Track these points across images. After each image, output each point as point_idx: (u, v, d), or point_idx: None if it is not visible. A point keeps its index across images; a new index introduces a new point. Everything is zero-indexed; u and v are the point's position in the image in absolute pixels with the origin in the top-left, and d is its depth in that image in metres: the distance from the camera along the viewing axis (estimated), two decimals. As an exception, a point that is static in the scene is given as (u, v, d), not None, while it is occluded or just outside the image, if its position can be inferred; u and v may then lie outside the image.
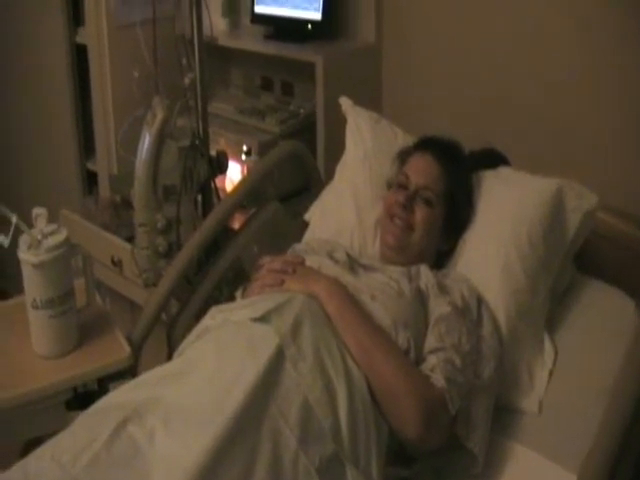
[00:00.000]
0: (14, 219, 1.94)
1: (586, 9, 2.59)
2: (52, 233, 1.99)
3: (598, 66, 2.61)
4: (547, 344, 2.07)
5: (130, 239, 2.70)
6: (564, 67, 2.69)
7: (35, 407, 1.94)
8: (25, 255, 1.95)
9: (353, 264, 2.10)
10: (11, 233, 1.93)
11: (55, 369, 1.99)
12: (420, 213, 2.12)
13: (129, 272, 2.72)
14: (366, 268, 2.10)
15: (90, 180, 3.81)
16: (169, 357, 2.21)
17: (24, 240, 1.97)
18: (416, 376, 1.77)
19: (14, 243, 1.95)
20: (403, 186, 2.16)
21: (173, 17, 2.57)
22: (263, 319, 1.77)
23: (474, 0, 2.92)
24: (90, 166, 3.79)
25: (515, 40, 2.81)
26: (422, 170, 2.16)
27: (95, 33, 3.43)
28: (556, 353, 2.06)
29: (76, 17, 3.65)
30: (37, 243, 1.95)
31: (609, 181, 2.54)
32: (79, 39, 3.66)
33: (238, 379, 1.63)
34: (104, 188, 3.58)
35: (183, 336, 2.03)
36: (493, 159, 2.35)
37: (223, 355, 1.72)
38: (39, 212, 2.01)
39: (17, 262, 1.97)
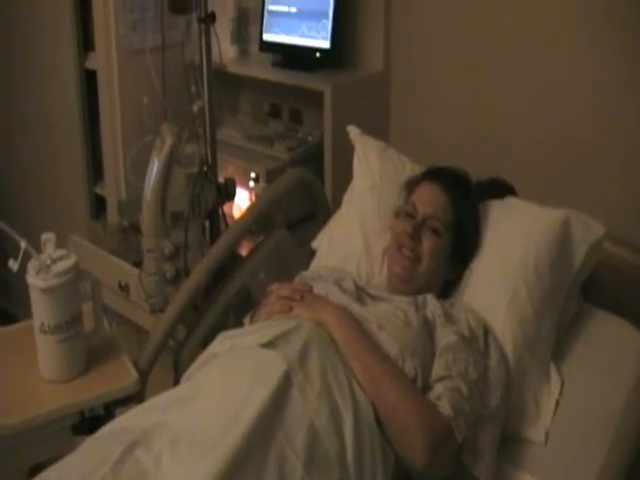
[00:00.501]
0: (23, 244, 1.95)
1: (602, 51, 2.60)
2: (61, 258, 2.00)
3: (607, 103, 2.62)
4: (553, 374, 2.07)
5: (138, 264, 2.71)
6: (573, 100, 2.69)
7: (42, 431, 1.94)
8: (33, 280, 1.96)
9: (360, 293, 2.11)
10: (20, 258, 1.94)
11: (62, 393, 2.00)
12: (427, 242, 2.12)
13: (136, 297, 2.72)
14: (373, 298, 2.10)
15: (98, 205, 3.82)
16: (176, 382, 2.22)
17: (33, 265, 1.98)
18: (423, 404, 1.77)
19: (23, 267, 1.96)
20: (410, 215, 2.17)
21: (182, 44, 2.58)
22: (271, 345, 1.77)
23: (483, 29, 2.92)
24: (99, 191, 3.80)
25: (525, 68, 2.82)
26: (429, 199, 2.17)
27: (105, 59, 3.46)
28: (562, 383, 2.06)
29: (86, 42, 3.67)
30: (46, 268, 1.96)
31: (616, 211, 2.54)
32: (89, 64, 3.67)
33: (245, 404, 1.64)
34: (112, 213, 3.59)
35: (190, 361, 2.04)
36: (500, 189, 2.35)
37: (231, 380, 1.73)
38: (48, 237, 2.02)
39: (26, 286, 1.98)
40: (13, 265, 1.94)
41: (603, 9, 2.56)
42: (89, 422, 2.01)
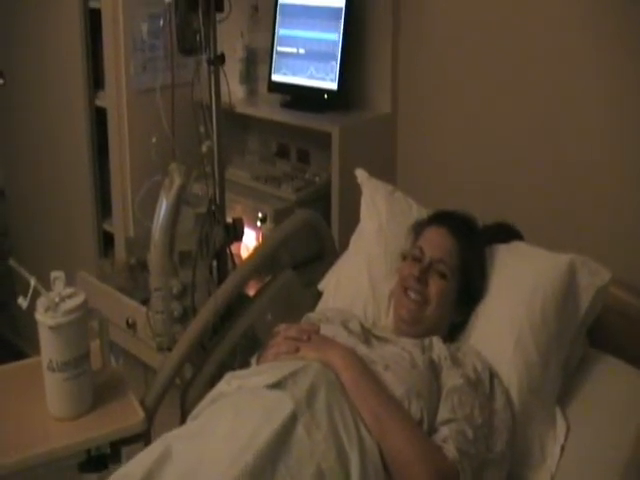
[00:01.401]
0: (32, 281, 1.97)
1: (616, 101, 2.61)
2: (70, 296, 2.02)
3: (617, 148, 2.63)
4: (559, 419, 2.07)
5: (145, 302, 2.71)
6: (581, 145, 2.70)
7: (48, 469, 1.95)
8: (42, 317, 1.97)
9: (367, 335, 2.12)
10: (30, 295, 1.96)
11: (69, 431, 2.01)
12: (434, 286, 2.13)
13: (143, 335, 2.73)
14: (379, 339, 2.11)
15: (106, 241, 3.84)
16: (182, 421, 2.22)
17: (42, 302, 1.99)
18: (428, 446, 1.78)
19: (32, 304, 1.98)
20: (417, 259, 2.18)
21: (192, 84, 2.60)
22: (278, 385, 1.79)
23: (491, 71, 2.94)
24: (107, 227, 3.82)
25: (534, 112, 2.83)
26: (437, 243, 2.18)
27: (115, 97, 3.50)
28: (568, 428, 2.05)
29: (96, 80, 3.71)
30: (54, 306, 1.98)
31: (623, 255, 2.54)
32: (99, 102, 3.71)
33: (251, 442, 1.65)
34: (120, 250, 3.61)
35: (197, 401, 2.05)
36: (507, 233, 2.36)
37: (238, 419, 1.74)
38: (57, 275, 2.04)
39: (35, 323, 2.00)
40: (22, 302, 1.96)
41: (621, 60, 2.57)
42: (95, 460, 2.02)
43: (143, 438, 2.06)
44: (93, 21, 3.60)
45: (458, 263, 2.16)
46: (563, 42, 2.70)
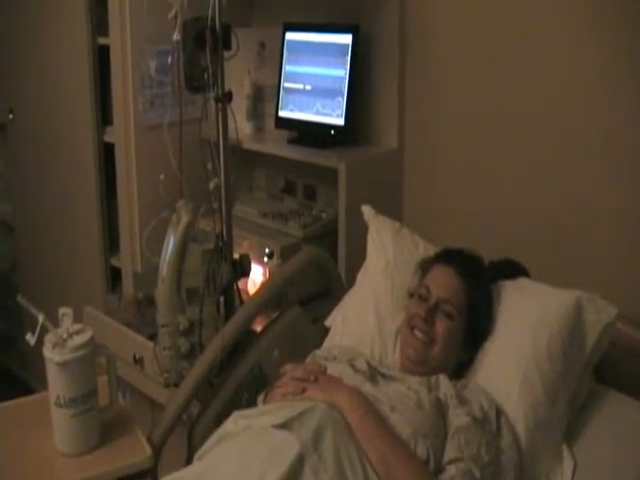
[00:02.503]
0: (41, 318, 1.98)
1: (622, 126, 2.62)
2: (77, 332, 2.03)
3: (618, 182, 2.64)
4: (566, 455, 2.06)
5: (152, 337, 2.72)
6: (586, 180, 2.72)
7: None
8: (50, 353, 1.99)
9: (373, 373, 2.12)
10: (37, 331, 1.97)
11: (76, 467, 2.02)
12: (441, 326, 2.14)
13: (150, 370, 2.73)
14: (386, 377, 2.11)
15: (114, 276, 3.85)
16: (189, 458, 2.22)
17: (49, 338, 2.01)
18: (435, 488, 1.78)
19: (40, 340, 1.99)
20: (424, 298, 2.19)
21: (200, 121, 2.62)
22: (285, 426, 1.79)
23: (498, 108, 2.95)
24: (114, 262, 3.84)
25: (544, 145, 2.83)
26: (443, 283, 2.19)
27: (123, 133, 3.52)
28: (575, 464, 2.05)
29: (105, 116, 3.74)
30: (62, 342, 1.99)
31: (629, 291, 2.54)
32: (107, 138, 3.74)
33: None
34: (127, 285, 3.62)
35: (204, 437, 2.05)
36: (513, 270, 2.37)
37: (244, 461, 1.74)
38: (65, 312, 2.05)
39: (43, 359, 2.01)
40: (30, 339, 1.98)
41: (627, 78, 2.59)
42: (102, 496, 2.03)
43: (150, 474, 2.06)
44: (102, 57, 3.64)
45: (465, 303, 2.17)
46: (571, 72, 2.72)
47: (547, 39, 2.77)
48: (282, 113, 3.58)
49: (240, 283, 2.75)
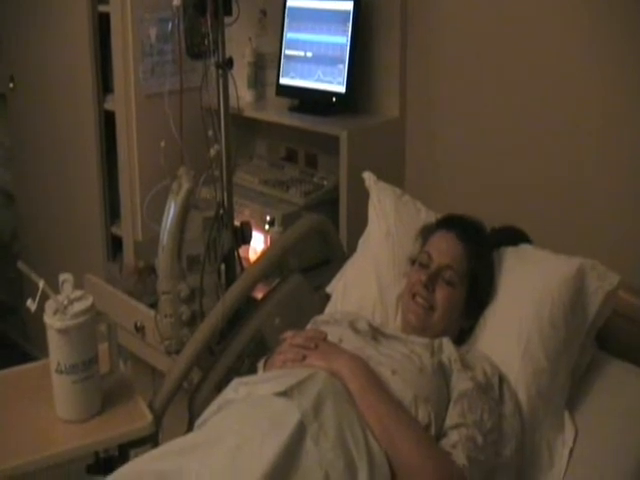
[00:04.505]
0: (41, 284, 1.98)
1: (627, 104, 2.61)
2: (78, 299, 2.03)
3: (623, 152, 2.63)
4: (568, 423, 2.06)
5: (153, 305, 2.72)
6: (591, 148, 2.71)
7: (56, 471, 1.96)
8: (50, 320, 1.99)
9: (375, 334, 2.11)
10: (38, 298, 1.97)
11: (77, 434, 2.02)
12: (441, 293, 2.13)
13: (151, 339, 2.73)
14: (388, 338, 2.11)
15: (115, 244, 3.85)
16: (190, 425, 2.23)
17: (50, 305, 2.00)
18: (437, 454, 1.78)
19: (41, 307, 1.98)
20: (425, 265, 2.18)
21: (200, 88, 2.61)
22: (285, 394, 1.78)
23: (501, 75, 2.93)
24: (115, 231, 3.84)
25: (544, 118, 2.82)
26: (444, 250, 2.18)
27: (123, 101, 3.51)
28: (577, 432, 2.04)
29: (105, 84, 3.73)
30: (63, 309, 1.99)
31: (631, 259, 2.54)
32: (108, 106, 3.72)
33: (259, 455, 1.65)
34: (129, 254, 3.61)
35: (204, 404, 2.06)
36: (515, 236, 2.36)
37: (245, 429, 1.73)
38: (65, 278, 2.05)
39: (43, 326, 2.01)
40: (31, 305, 1.97)
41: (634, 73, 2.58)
42: (103, 462, 2.03)
43: (151, 441, 2.06)
44: (102, 25, 3.62)
45: (466, 269, 2.15)
46: (573, 45, 2.71)
47: (556, 9, 2.75)
48: (283, 81, 3.56)
49: (241, 251, 2.74)
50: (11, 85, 4.30)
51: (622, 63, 2.58)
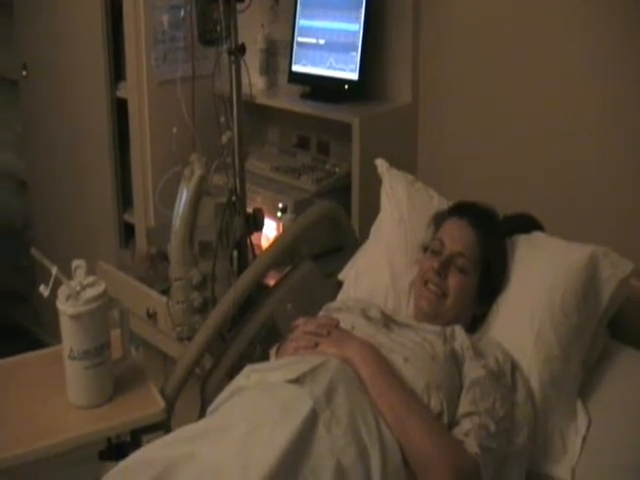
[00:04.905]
0: (54, 270, 1.98)
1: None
2: (91, 285, 2.03)
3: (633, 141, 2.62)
4: (580, 411, 2.05)
5: (165, 292, 2.73)
6: (603, 135, 2.69)
7: (69, 456, 1.96)
8: (63, 306, 1.99)
9: (387, 321, 2.11)
10: (51, 284, 1.97)
11: (89, 419, 2.03)
12: (454, 280, 2.12)
13: (163, 325, 2.74)
14: (400, 325, 2.11)
15: (127, 232, 3.86)
16: (202, 411, 2.23)
17: (63, 291, 2.01)
18: (449, 442, 1.78)
19: (53, 293, 1.99)
20: (437, 252, 2.17)
21: (212, 75, 2.61)
22: (297, 381, 1.78)
23: (514, 61, 2.92)
24: (127, 218, 3.84)
25: (555, 102, 2.81)
26: (457, 237, 2.17)
27: (136, 88, 3.51)
28: (589, 420, 2.04)
29: (117, 71, 3.72)
30: (75, 294, 1.99)
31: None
32: (120, 93, 3.72)
33: (271, 441, 1.64)
34: (141, 240, 3.62)
35: (216, 391, 2.06)
36: (527, 224, 2.35)
37: (257, 416, 1.73)
38: (78, 264, 2.05)
39: (56, 312, 2.01)
40: (44, 291, 1.97)
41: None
42: (116, 448, 2.03)
43: (163, 427, 2.07)
44: (114, 12, 3.62)
45: (478, 256, 2.15)
46: (590, 31, 2.69)
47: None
48: (295, 68, 3.56)
49: (253, 238, 2.74)
50: (24, 73, 4.30)
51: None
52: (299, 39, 3.53)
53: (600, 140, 2.70)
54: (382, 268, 2.40)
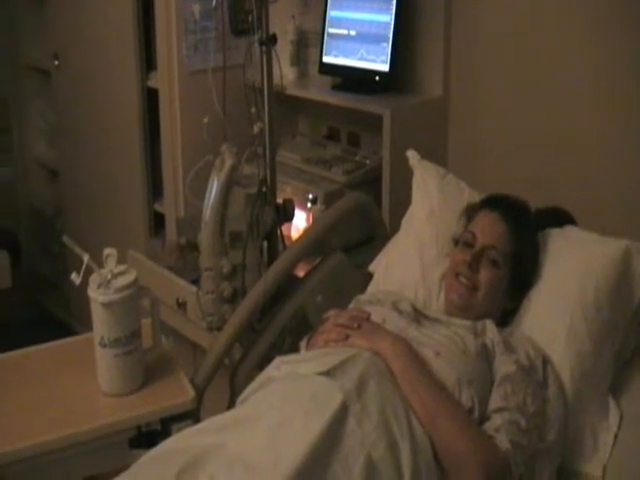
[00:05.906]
0: (86, 258, 1.99)
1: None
2: (122, 273, 2.04)
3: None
4: (612, 407, 2.04)
5: (195, 282, 2.73)
6: (633, 128, 2.68)
7: (98, 443, 1.98)
8: (94, 294, 2.00)
9: (418, 315, 2.11)
10: (82, 272, 1.98)
11: (120, 407, 2.04)
12: (485, 273, 2.11)
13: (193, 315, 2.74)
14: (431, 320, 2.10)
15: (157, 221, 3.87)
16: (231, 401, 2.24)
17: (94, 279, 2.02)
18: (480, 438, 1.77)
19: (85, 281, 2.00)
20: (469, 244, 2.16)
21: (244, 65, 2.61)
22: (328, 374, 1.78)
23: (547, 53, 2.90)
24: (158, 207, 3.85)
25: (590, 97, 2.80)
26: (489, 229, 2.16)
27: (166, 78, 3.51)
28: (622, 417, 2.02)
29: (148, 61, 3.73)
30: (107, 283, 2.00)
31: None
32: (151, 83, 3.73)
33: (301, 434, 1.65)
34: (171, 230, 3.63)
35: (246, 381, 2.07)
36: (560, 218, 2.33)
37: (287, 407, 1.74)
38: (109, 252, 2.06)
39: (87, 300, 2.02)
40: (75, 279, 1.99)
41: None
42: (146, 436, 2.04)
43: (192, 416, 2.07)
44: (145, 2, 3.62)
45: (510, 250, 2.13)
46: (622, 25, 2.68)
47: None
48: (326, 59, 3.55)
49: (283, 228, 2.74)
50: (56, 63, 4.33)
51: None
52: (330, 30, 3.53)
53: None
54: (412, 260, 2.39)
